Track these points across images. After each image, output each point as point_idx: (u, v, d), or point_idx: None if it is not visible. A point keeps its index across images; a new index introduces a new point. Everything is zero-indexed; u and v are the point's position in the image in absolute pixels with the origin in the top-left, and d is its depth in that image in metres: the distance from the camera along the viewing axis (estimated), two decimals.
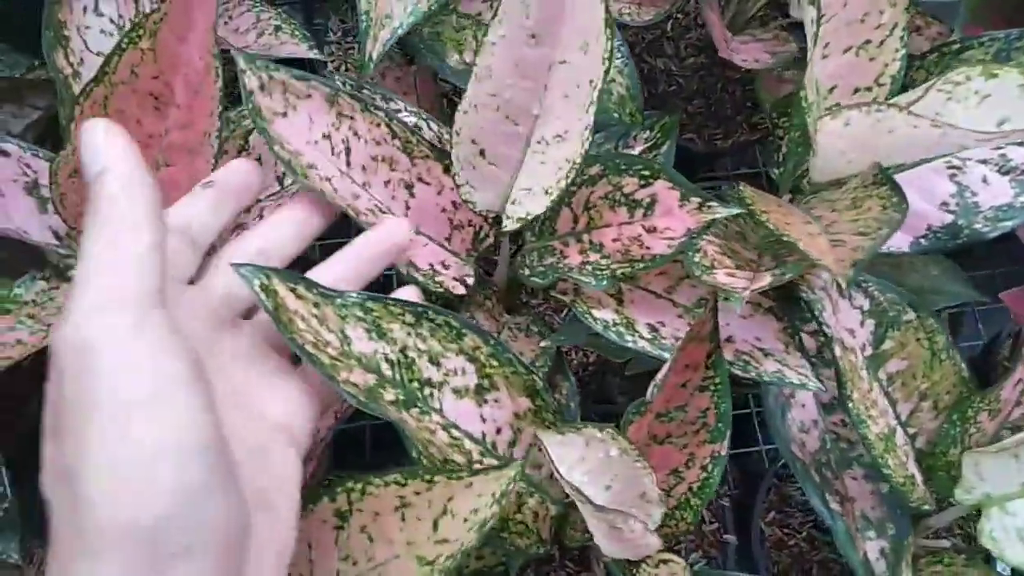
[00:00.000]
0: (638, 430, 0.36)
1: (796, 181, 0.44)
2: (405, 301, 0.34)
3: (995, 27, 0.46)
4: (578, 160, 0.36)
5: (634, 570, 0.37)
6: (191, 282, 0.33)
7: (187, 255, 0.32)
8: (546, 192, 0.37)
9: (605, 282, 0.38)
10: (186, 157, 0.39)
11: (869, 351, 0.38)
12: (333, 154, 0.38)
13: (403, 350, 0.34)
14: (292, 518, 0.28)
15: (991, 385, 0.40)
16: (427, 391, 0.34)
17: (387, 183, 0.40)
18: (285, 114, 0.37)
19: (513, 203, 0.39)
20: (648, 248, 0.37)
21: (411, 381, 0.34)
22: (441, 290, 0.42)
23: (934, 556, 0.42)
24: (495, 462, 0.35)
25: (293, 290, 0.32)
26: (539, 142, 0.37)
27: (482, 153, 0.37)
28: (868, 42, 0.39)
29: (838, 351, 0.36)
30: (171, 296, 0.26)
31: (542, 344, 0.43)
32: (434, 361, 0.34)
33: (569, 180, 0.36)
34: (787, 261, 0.36)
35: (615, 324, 0.39)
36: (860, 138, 0.36)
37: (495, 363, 0.35)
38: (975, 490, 0.38)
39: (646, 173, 0.37)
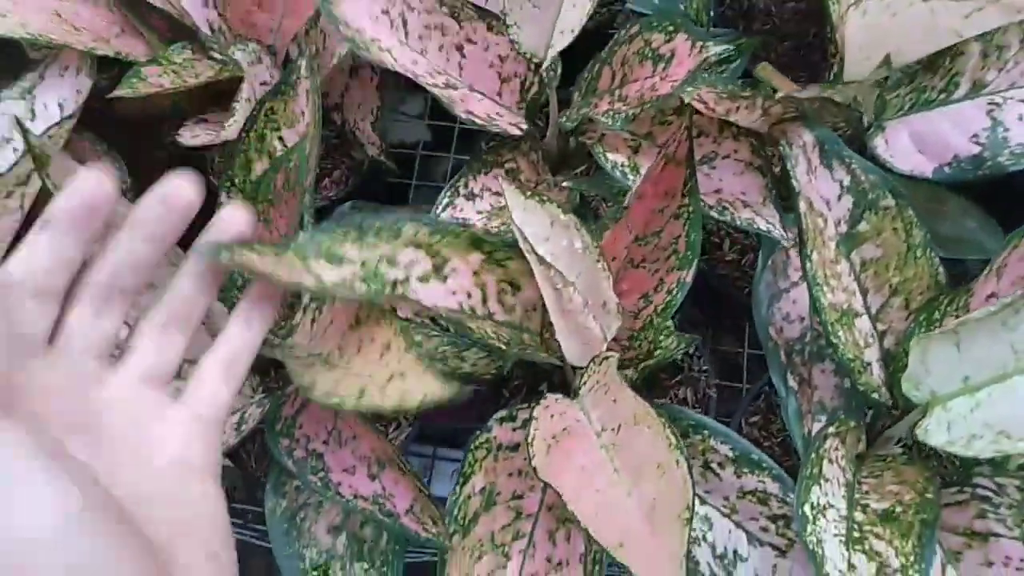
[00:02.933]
0: (614, 242, 0.41)
1: None
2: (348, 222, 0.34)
3: None
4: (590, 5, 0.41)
5: (583, 372, 0.42)
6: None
7: (34, 312, 0.28)
8: (572, 31, 0.43)
9: (619, 124, 0.43)
10: None
11: (844, 228, 0.41)
12: (392, 27, 0.45)
13: (363, 264, 0.37)
14: (217, 535, 0.29)
15: None
16: (399, 290, 0.35)
17: (440, 48, 0.47)
18: None
19: (551, 47, 0.45)
20: (657, 91, 0.42)
21: (385, 287, 0.35)
22: (500, 131, 0.48)
23: (880, 457, 0.44)
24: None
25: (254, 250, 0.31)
26: None
27: None
28: None
29: (803, 207, 0.39)
30: (22, 360, 0.27)
31: (564, 184, 0.49)
32: (392, 262, 0.35)
33: (587, 17, 0.42)
34: None
35: (623, 166, 0.45)
36: (875, 29, 0.40)
37: (437, 237, 0.36)
38: (922, 384, 0.40)
39: (671, 28, 0.42)
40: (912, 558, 0.36)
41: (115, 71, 0.52)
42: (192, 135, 0.48)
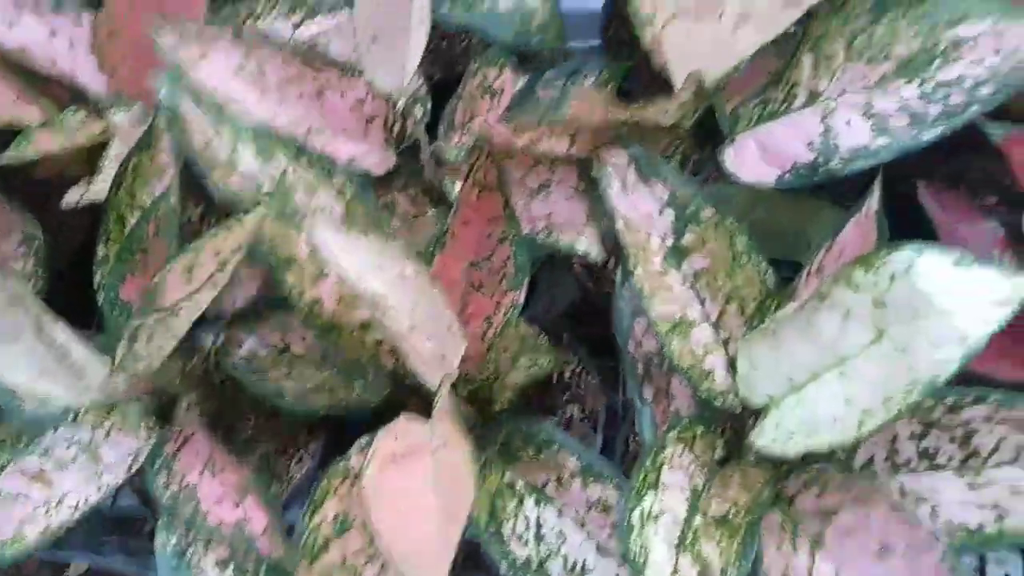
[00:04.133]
0: (447, 267, 0.43)
1: None
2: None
3: None
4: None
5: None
6: None
7: None
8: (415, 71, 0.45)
9: (462, 157, 0.45)
10: None
11: (671, 241, 0.42)
12: (250, 82, 0.47)
13: (283, 173, 0.43)
14: None
15: None
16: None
17: (300, 96, 0.49)
18: (204, 55, 0.45)
19: (404, 87, 0.47)
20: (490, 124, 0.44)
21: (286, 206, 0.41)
22: (365, 170, 0.51)
23: (736, 463, 0.44)
24: None
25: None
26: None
27: (374, 39, 0.46)
28: None
29: (619, 224, 0.41)
30: None
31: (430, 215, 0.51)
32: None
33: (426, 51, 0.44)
34: None
35: None
36: (681, 48, 0.41)
37: None
38: (756, 388, 0.41)
39: (502, 63, 0.45)
40: (734, 557, 0.37)
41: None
42: (72, 197, 0.51)
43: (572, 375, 0.57)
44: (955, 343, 0.30)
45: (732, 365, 0.44)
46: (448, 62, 0.65)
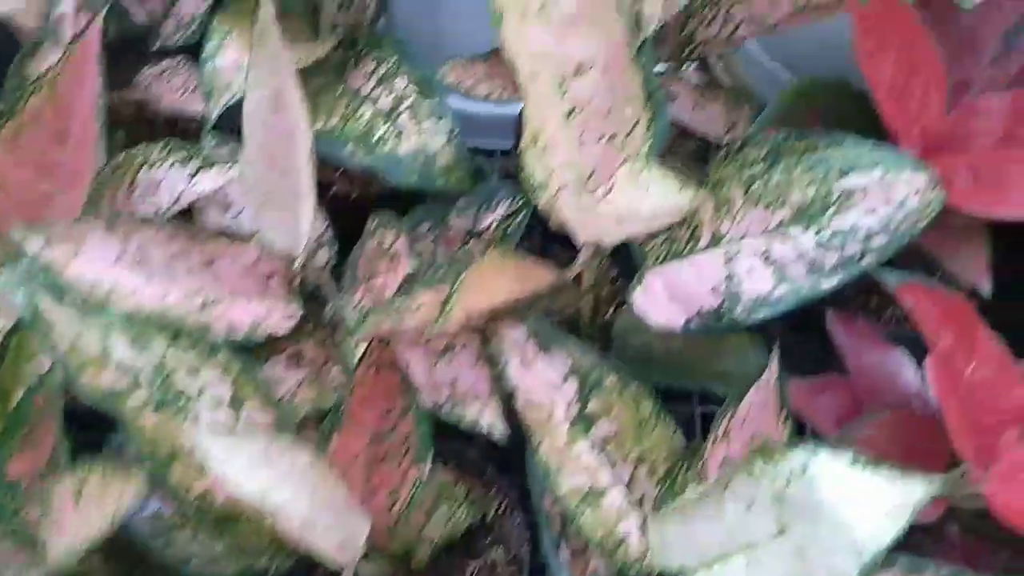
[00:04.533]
0: (347, 446, 0.41)
1: None
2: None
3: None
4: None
5: None
6: None
7: None
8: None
9: (360, 322, 0.44)
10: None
11: (576, 410, 0.41)
12: (133, 267, 0.44)
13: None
14: None
15: None
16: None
17: (189, 270, 0.46)
18: (77, 252, 0.43)
19: (301, 246, 0.46)
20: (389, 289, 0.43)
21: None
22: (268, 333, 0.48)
23: None
24: None
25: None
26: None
27: (263, 203, 0.45)
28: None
29: (520, 402, 0.40)
30: None
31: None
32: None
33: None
34: None
35: None
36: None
37: None
38: (669, 557, 0.40)
39: (398, 229, 0.44)
40: None
41: None
42: None
43: (495, 515, 0.55)
44: (852, 554, 0.30)
45: (645, 526, 0.43)
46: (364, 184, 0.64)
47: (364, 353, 0.38)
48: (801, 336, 0.55)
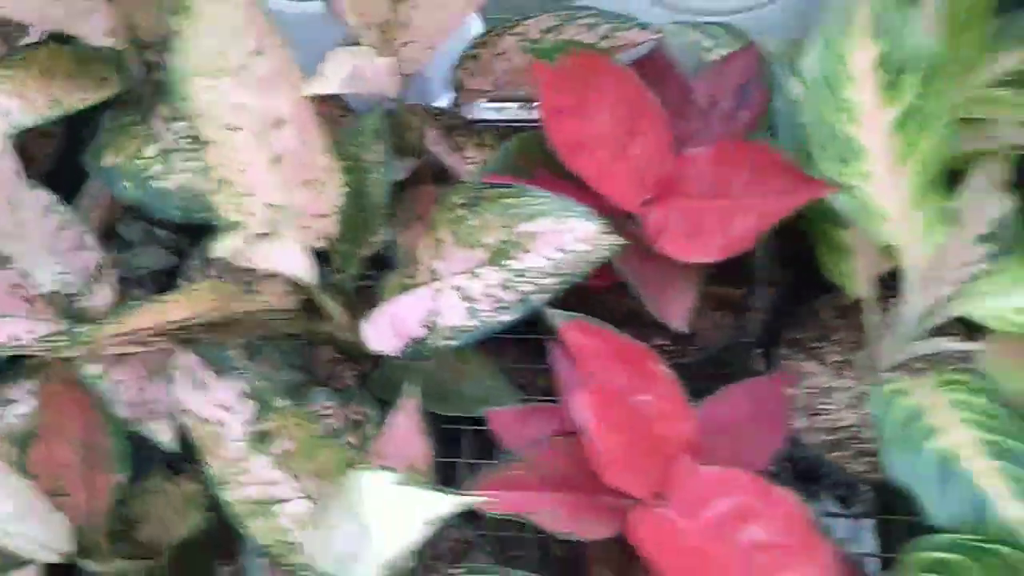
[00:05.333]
0: (48, 453, 0.46)
1: None
2: None
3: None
4: None
5: None
6: None
7: None
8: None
9: None
10: None
11: (254, 428, 0.45)
12: None
13: None
14: None
15: None
16: None
17: None
18: None
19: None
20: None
21: None
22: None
23: None
24: None
25: None
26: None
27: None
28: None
29: (188, 421, 0.44)
30: None
31: None
32: None
33: None
34: None
35: None
36: None
37: None
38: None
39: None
40: None
41: None
42: None
43: None
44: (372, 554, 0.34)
45: None
46: None
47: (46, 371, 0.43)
48: None
